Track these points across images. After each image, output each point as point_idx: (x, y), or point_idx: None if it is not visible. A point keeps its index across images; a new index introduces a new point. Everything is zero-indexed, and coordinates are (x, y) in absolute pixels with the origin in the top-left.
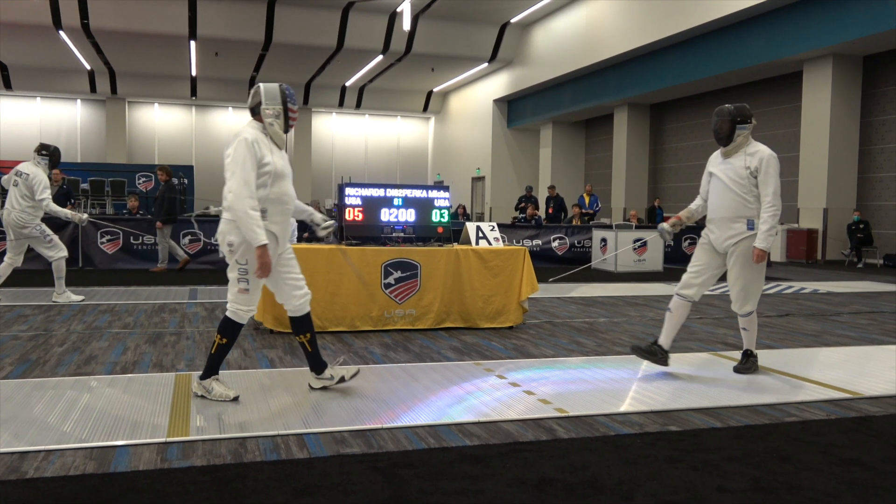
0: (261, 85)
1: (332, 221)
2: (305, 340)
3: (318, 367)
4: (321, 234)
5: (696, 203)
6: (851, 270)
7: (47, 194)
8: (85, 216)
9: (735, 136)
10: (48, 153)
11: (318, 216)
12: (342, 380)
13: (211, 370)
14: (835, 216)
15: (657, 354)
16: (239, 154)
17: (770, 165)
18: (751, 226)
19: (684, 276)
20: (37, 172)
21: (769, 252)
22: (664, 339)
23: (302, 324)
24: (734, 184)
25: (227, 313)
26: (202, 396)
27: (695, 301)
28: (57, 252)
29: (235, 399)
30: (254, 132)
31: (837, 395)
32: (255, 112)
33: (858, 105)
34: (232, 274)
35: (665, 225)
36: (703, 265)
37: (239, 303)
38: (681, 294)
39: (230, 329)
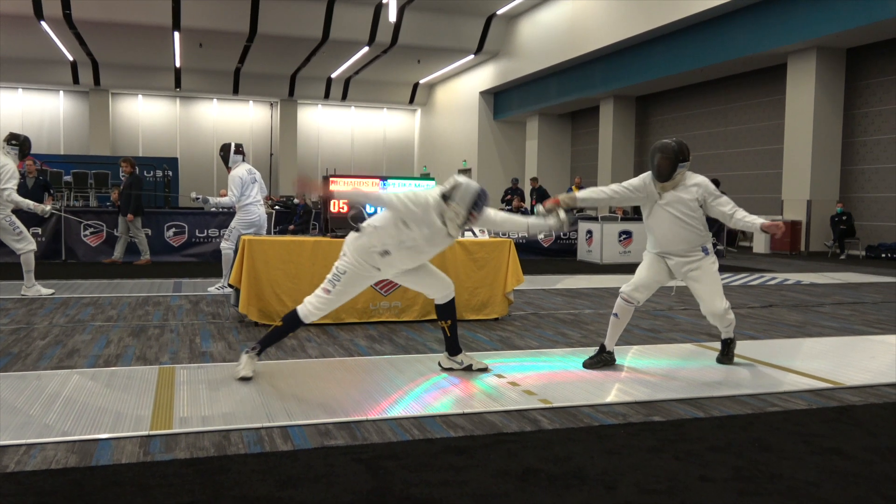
0: (462, 182)
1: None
2: (446, 326)
3: (453, 350)
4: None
5: (600, 191)
6: (834, 262)
7: (12, 184)
8: (48, 208)
9: (675, 174)
10: (18, 143)
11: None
12: (469, 368)
13: (261, 344)
14: (818, 208)
15: (607, 361)
16: (420, 201)
17: (713, 189)
18: (706, 251)
19: (634, 279)
20: (6, 162)
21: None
22: (610, 343)
23: (443, 311)
24: (688, 217)
25: (299, 307)
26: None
27: (639, 305)
28: (26, 245)
29: (242, 379)
30: (439, 203)
31: (819, 385)
32: (446, 197)
33: (842, 97)
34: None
35: (541, 208)
36: (653, 275)
37: (315, 300)
38: (630, 297)
39: (291, 321)
